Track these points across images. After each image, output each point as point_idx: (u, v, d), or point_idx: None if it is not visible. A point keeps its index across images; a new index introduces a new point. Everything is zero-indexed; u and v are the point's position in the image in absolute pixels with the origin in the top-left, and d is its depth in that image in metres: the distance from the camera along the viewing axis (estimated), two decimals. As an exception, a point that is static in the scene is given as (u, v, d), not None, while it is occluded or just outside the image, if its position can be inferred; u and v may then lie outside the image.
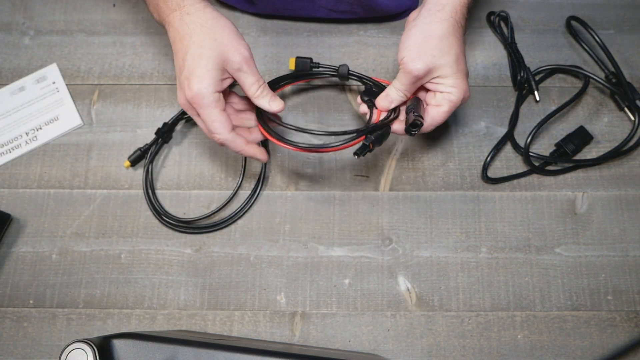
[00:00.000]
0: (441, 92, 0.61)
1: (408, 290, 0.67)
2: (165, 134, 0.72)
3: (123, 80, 0.76)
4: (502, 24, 0.77)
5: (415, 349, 0.65)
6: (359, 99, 0.67)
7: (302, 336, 0.65)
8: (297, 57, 0.71)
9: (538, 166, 0.70)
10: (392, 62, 0.76)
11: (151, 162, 0.71)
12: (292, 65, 0.71)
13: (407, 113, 0.63)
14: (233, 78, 0.60)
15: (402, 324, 0.66)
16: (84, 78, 0.76)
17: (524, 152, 0.69)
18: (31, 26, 0.79)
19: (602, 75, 0.75)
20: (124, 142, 0.73)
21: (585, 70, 0.73)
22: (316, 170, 0.72)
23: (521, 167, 0.72)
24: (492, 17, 0.78)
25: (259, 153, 0.63)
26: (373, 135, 0.61)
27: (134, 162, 0.71)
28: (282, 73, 0.75)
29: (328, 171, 0.72)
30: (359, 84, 0.75)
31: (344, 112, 0.74)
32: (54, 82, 0.76)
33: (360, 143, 0.61)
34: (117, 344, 0.48)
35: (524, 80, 0.73)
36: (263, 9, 0.76)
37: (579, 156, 0.72)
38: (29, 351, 0.65)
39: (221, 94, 0.59)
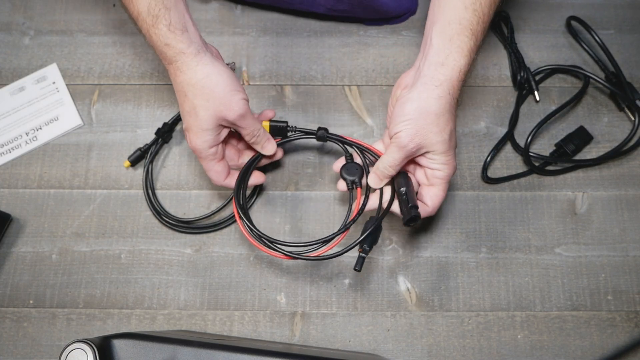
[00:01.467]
0: (431, 169, 0.60)
1: (408, 290, 0.67)
2: (165, 134, 0.72)
3: (123, 80, 0.76)
4: (502, 24, 0.77)
5: (415, 349, 0.65)
6: (336, 165, 0.65)
7: (302, 336, 0.65)
8: (272, 122, 0.66)
9: (538, 166, 0.70)
10: (392, 63, 0.76)
11: (151, 162, 0.71)
12: (266, 129, 0.66)
13: (398, 196, 0.61)
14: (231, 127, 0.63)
15: (402, 324, 0.66)
16: (84, 78, 0.76)
17: (524, 152, 0.69)
18: (31, 26, 0.79)
19: (602, 75, 0.75)
20: (124, 142, 0.73)
21: (585, 70, 0.73)
22: (316, 170, 0.72)
23: (521, 167, 0.72)
24: (492, 17, 0.78)
25: (257, 179, 0.67)
26: (367, 244, 0.59)
27: (134, 162, 0.71)
28: (282, 73, 0.76)
29: (328, 171, 0.71)
30: (358, 86, 0.75)
31: (344, 112, 0.74)
32: (54, 82, 0.76)
33: (358, 257, 0.59)
34: (117, 344, 0.48)
35: (524, 80, 0.73)
36: (263, 0, 0.76)
37: (579, 156, 0.72)
38: (29, 351, 0.65)
39: (219, 146, 0.63)
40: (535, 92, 0.73)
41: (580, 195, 0.70)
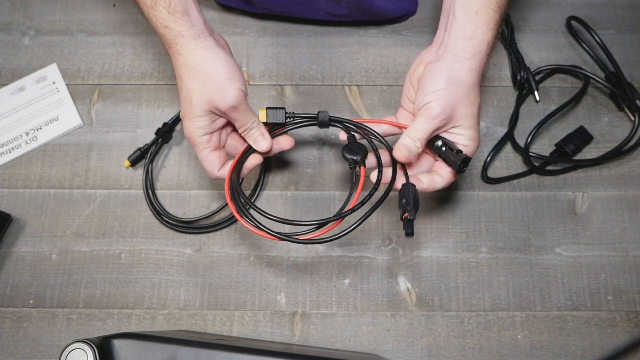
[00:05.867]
0: (458, 144, 0.58)
1: (408, 290, 0.67)
2: (165, 134, 0.72)
3: (123, 80, 0.76)
4: (502, 24, 0.77)
5: (415, 349, 0.65)
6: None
7: (302, 336, 0.65)
8: (268, 108, 0.63)
9: (538, 166, 0.70)
10: (391, 63, 0.76)
11: (151, 162, 0.71)
12: (262, 118, 0.62)
13: (436, 151, 0.58)
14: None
15: (402, 324, 0.66)
16: (84, 78, 0.76)
17: (524, 152, 0.69)
18: (31, 26, 0.79)
19: (602, 75, 0.75)
20: (124, 142, 0.73)
21: (585, 70, 0.73)
22: (316, 170, 0.72)
23: (521, 167, 0.72)
24: (492, 17, 0.77)
25: (255, 160, 0.62)
26: (410, 205, 0.55)
27: (134, 162, 0.71)
28: (282, 73, 0.76)
29: (328, 171, 0.71)
30: (358, 86, 0.75)
31: (344, 112, 0.74)
32: (54, 82, 0.76)
33: (406, 221, 0.55)
34: (117, 344, 0.48)
35: (524, 80, 0.73)
36: (262, 10, 0.76)
37: (579, 156, 0.72)
38: (29, 351, 0.65)
39: (213, 134, 0.60)
40: (535, 92, 0.73)
41: (580, 195, 0.70)
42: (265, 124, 0.63)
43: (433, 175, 0.59)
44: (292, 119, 0.64)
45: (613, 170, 0.71)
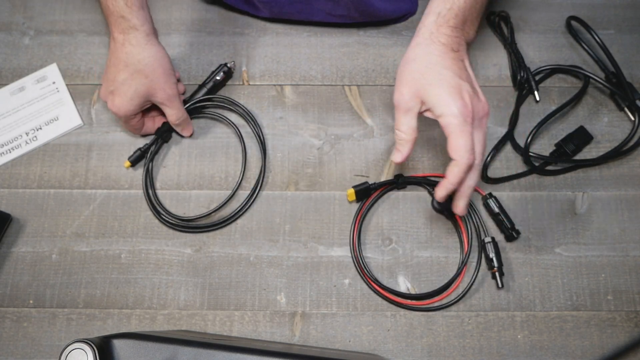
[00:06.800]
0: (434, 118, 0.57)
1: (408, 290, 0.67)
2: (165, 133, 0.72)
3: (123, 80, 0.76)
4: (502, 24, 0.77)
5: (415, 349, 0.65)
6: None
7: (302, 336, 0.65)
8: (355, 188, 0.68)
9: (538, 166, 0.70)
10: (391, 63, 0.76)
11: (151, 162, 0.71)
12: (352, 197, 0.68)
13: (494, 217, 0.68)
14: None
15: (402, 324, 0.66)
16: (84, 78, 0.76)
17: (524, 152, 0.69)
18: (31, 26, 0.79)
19: (602, 75, 0.75)
20: (124, 142, 0.73)
21: (585, 70, 0.73)
22: (316, 170, 0.72)
23: (521, 167, 0.72)
24: (492, 17, 0.77)
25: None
26: (497, 264, 0.66)
27: (134, 162, 0.71)
28: (282, 73, 0.76)
29: (328, 171, 0.71)
30: (358, 86, 0.75)
31: (344, 112, 0.74)
32: (54, 82, 0.76)
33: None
34: (117, 344, 0.48)
35: (524, 80, 0.73)
36: (261, 12, 0.76)
37: (579, 156, 0.72)
38: (29, 351, 0.65)
39: (139, 113, 0.69)
40: (535, 92, 0.73)
41: (580, 195, 0.70)
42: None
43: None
44: (375, 190, 0.69)
45: (613, 170, 0.71)
